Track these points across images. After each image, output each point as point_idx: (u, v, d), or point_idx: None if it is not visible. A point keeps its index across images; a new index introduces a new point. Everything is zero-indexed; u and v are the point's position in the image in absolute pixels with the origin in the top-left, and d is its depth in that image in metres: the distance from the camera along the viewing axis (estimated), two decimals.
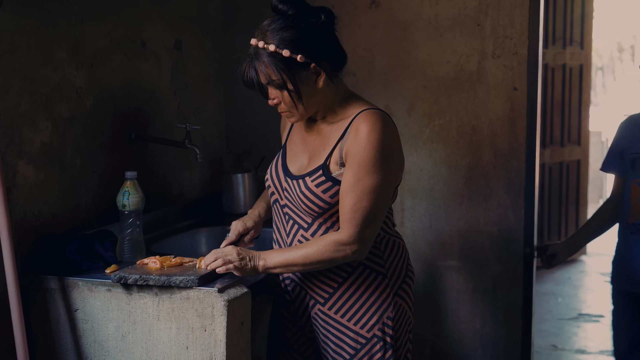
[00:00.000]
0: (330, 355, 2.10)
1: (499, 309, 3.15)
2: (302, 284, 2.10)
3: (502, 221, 3.11)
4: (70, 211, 2.38)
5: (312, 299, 2.09)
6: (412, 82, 3.14)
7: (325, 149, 2.03)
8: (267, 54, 1.93)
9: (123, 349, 2.05)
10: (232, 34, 3.37)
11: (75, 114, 2.38)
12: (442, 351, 3.25)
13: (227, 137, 3.42)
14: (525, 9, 2.99)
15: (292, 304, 2.15)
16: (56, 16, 2.29)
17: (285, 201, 2.08)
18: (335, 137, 2.01)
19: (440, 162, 3.15)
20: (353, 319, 2.05)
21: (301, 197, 2.00)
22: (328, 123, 2.05)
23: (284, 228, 2.11)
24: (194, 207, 3.06)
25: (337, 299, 2.06)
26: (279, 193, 2.11)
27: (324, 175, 1.98)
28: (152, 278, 1.97)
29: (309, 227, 2.04)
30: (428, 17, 3.11)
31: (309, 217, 2.03)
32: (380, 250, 2.06)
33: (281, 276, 2.15)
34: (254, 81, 1.95)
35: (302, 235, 2.06)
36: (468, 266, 3.18)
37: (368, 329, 2.05)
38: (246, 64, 1.97)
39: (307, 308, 2.11)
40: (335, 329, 2.07)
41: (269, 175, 2.15)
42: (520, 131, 3.06)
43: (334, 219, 2.02)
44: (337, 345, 2.08)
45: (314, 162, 2.04)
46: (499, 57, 3.05)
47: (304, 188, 2.00)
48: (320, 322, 2.09)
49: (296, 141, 2.13)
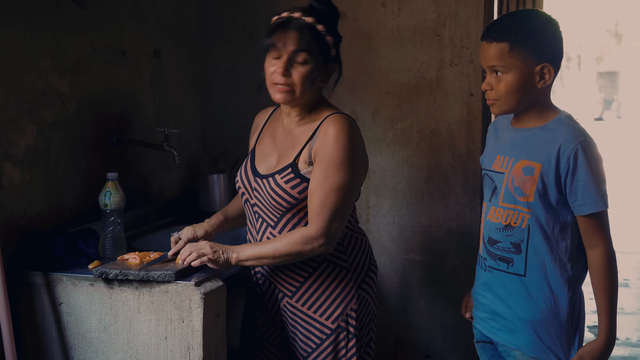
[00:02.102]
0: (299, 344, 2.11)
1: (457, 299, 3.18)
2: (272, 278, 2.11)
3: (459, 217, 3.14)
4: (55, 210, 2.36)
5: (281, 292, 2.10)
6: (376, 89, 3.16)
7: (294, 148, 2.04)
8: (314, 30, 1.95)
9: (105, 340, 2.04)
10: (208, 43, 3.37)
11: (59, 118, 2.37)
12: (405, 338, 3.27)
13: (203, 140, 3.41)
14: (480, 20, 3.03)
15: (262, 296, 2.16)
16: (41, 26, 2.27)
17: (255, 200, 2.09)
18: (305, 137, 2.03)
19: (402, 163, 3.17)
20: (319, 310, 2.07)
21: (271, 193, 2.01)
22: (299, 124, 2.07)
23: (254, 226, 2.12)
24: (173, 205, 3.05)
25: (303, 292, 2.07)
26: (249, 193, 2.11)
27: (293, 173, 2.00)
28: (132, 273, 1.97)
29: (277, 224, 2.05)
30: (391, 28, 3.13)
31: (277, 214, 2.04)
32: (343, 247, 2.08)
33: (252, 270, 2.15)
34: (290, 39, 1.93)
35: (270, 233, 2.07)
36: (429, 259, 3.21)
37: (332, 320, 2.06)
38: (293, 24, 1.94)
39: (277, 300, 2.12)
40: (302, 320, 2.09)
41: (239, 177, 2.15)
42: (476, 134, 3.09)
43: (301, 215, 2.03)
44: (304, 336, 2.09)
45: (283, 161, 2.04)
46: (456, 65, 3.07)
47: (273, 185, 2.01)
48: (289, 313, 2.11)
49: (266, 143, 2.14)
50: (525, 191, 1.89)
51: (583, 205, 1.85)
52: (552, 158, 1.85)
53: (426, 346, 3.26)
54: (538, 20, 1.91)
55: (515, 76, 1.86)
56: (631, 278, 5.85)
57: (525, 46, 1.84)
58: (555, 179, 1.86)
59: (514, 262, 1.95)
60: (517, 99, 1.89)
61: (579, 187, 1.84)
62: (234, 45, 3.35)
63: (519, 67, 1.86)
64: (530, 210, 1.90)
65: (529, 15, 1.98)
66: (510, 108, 1.93)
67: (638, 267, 6.23)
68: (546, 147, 1.87)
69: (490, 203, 2.01)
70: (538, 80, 1.87)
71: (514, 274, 1.95)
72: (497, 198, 1.98)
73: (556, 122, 1.89)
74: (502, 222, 1.96)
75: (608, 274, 1.88)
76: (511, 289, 1.96)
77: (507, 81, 1.87)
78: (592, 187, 1.83)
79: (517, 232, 1.93)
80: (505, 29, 1.87)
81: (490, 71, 1.91)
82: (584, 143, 1.84)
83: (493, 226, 1.99)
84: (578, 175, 1.83)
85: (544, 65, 1.86)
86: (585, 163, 1.82)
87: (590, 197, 1.83)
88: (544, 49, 1.86)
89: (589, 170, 1.83)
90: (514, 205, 1.93)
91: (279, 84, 1.97)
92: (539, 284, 1.92)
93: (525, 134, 1.95)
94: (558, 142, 1.85)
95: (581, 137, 1.85)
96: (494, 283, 2.01)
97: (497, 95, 1.91)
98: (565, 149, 1.84)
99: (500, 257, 1.98)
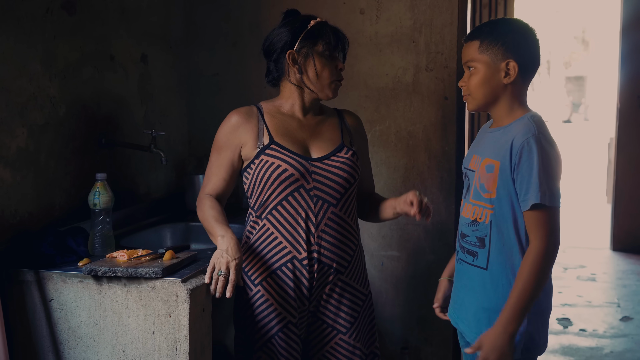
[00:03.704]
0: (342, 317, 2.17)
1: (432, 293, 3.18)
2: (329, 259, 2.12)
3: (435, 215, 3.15)
4: (45, 210, 2.34)
5: (335, 270, 2.14)
6: (356, 92, 3.17)
7: (331, 130, 2.17)
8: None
9: (95, 335, 2.03)
10: (193, 49, 3.36)
11: (49, 121, 2.35)
12: (384, 331, 3.28)
13: (189, 142, 3.40)
14: (454, 27, 3.04)
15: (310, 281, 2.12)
16: (31, 32, 2.25)
17: (314, 184, 2.06)
18: (334, 121, 2.20)
19: (380, 164, 3.18)
20: (361, 280, 2.22)
21: (337, 172, 2.09)
22: (312, 117, 2.17)
23: (312, 210, 2.06)
24: (160, 205, 3.04)
25: (351, 267, 2.17)
26: (305, 178, 2.06)
27: (347, 148, 2.13)
28: (120, 270, 1.95)
29: (339, 201, 2.10)
30: (369, 35, 3.14)
31: (341, 191, 2.10)
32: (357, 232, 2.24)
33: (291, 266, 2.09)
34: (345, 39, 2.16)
35: (332, 212, 2.08)
36: (406, 256, 3.22)
37: (367, 286, 2.25)
38: (341, 33, 2.14)
39: (327, 280, 2.14)
40: (349, 293, 2.17)
41: (287, 166, 2.03)
42: (451, 135, 3.10)
43: (355, 189, 2.15)
44: (353, 303, 2.18)
45: (329, 144, 2.14)
46: (431, 70, 3.09)
47: (339, 164, 2.10)
48: (338, 289, 2.16)
49: (292, 137, 2.11)
50: (489, 188, 1.90)
51: (525, 200, 1.83)
52: (506, 154, 1.85)
53: (404, 339, 3.27)
54: (511, 24, 1.97)
55: (483, 70, 1.91)
56: (598, 272, 5.91)
57: (493, 43, 1.90)
58: (510, 175, 1.86)
59: (478, 255, 1.96)
60: (484, 92, 1.93)
61: (524, 181, 1.82)
62: (219, 51, 3.35)
63: (486, 62, 1.90)
64: (493, 206, 1.90)
65: (505, 20, 2.06)
66: (480, 102, 1.96)
67: (604, 262, 6.29)
68: (504, 145, 1.88)
69: (465, 199, 2.03)
70: (503, 75, 1.90)
71: (478, 267, 1.96)
72: (469, 194, 2.00)
73: (518, 121, 1.90)
74: (470, 217, 1.98)
75: (530, 271, 1.82)
76: (475, 281, 1.98)
77: (476, 75, 1.93)
78: (535, 180, 1.80)
79: (481, 227, 1.94)
80: (480, 30, 1.95)
81: (466, 68, 1.97)
82: (534, 138, 1.82)
83: (464, 221, 2.01)
84: (522, 169, 1.82)
85: (509, 61, 1.89)
86: (530, 158, 1.80)
87: (533, 191, 1.80)
88: (510, 46, 1.89)
89: (534, 164, 1.80)
90: (479, 201, 1.94)
91: (339, 80, 2.14)
92: (499, 278, 1.92)
93: (494, 134, 1.97)
94: (511, 138, 1.86)
95: (532, 133, 1.83)
96: (462, 274, 2.03)
97: (469, 91, 1.96)
98: (515, 144, 1.84)
99: (468, 250, 1.99)
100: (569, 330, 4.41)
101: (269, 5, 3.24)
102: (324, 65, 2.08)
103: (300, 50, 2.08)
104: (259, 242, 2.09)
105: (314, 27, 2.09)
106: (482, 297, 1.96)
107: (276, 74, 2.14)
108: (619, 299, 5.16)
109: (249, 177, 2.10)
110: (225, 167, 2.13)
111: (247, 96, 3.20)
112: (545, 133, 1.87)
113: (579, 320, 4.61)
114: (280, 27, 2.13)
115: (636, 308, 4.91)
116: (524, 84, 1.94)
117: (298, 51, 2.08)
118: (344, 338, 2.14)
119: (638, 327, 4.50)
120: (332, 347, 2.15)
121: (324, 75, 2.09)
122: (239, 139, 2.11)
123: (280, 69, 2.12)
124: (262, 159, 2.06)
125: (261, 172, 2.05)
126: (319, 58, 2.08)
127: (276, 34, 2.12)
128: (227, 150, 2.12)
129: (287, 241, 2.06)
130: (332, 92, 2.12)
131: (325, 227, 2.07)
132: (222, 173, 2.13)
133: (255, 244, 2.10)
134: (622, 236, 6.64)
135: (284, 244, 2.06)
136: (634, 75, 6.38)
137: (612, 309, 4.88)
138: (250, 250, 2.10)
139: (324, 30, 2.09)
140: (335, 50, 2.10)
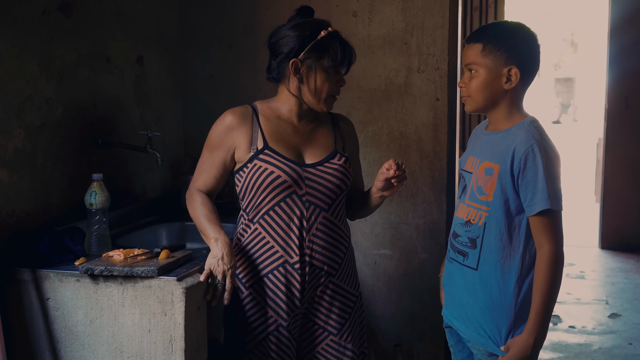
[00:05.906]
0: (333, 319, 2.16)
1: (424, 291, 3.20)
2: (320, 262, 2.10)
3: (427, 214, 3.15)
4: (42, 210, 2.33)
5: (327, 272, 2.13)
6: (349, 94, 3.17)
7: (325, 137, 2.14)
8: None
9: (91, 333, 2.02)
10: (189, 51, 3.35)
11: (46, 122, 2.34)
12: (377, 329, 3.28)
13: (185, 143, 3.39)
14: (445, 30, 3.04)
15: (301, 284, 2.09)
16: (28, 34, 2.24)
17: (306, 189, 2.04)
18: (328, 127, 2.16)
19: (373, 164, 3.18)
20: (350, 282, 2.21)
21: (330, 178, 2.06)
22: (307, 123, 2.13)
23: (303, 216, 2.04)
24: (155, 205, 3.03)
25: (342, 269, 2.16)
26: (297, 184, 2.03)
27: (340, 155, 2.11)
28: (116, 269, 1.95)
29: (330, 206, 2.08)
30: (362, 37, 3.14)
31: (332, 197, 2.08)
32: (347, 234, 2.22)
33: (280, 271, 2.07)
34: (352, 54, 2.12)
35: (323, 217, 2.06)
36: (398, 254, 3.22)
37: (357, 288, 2.23)
38: (348, 47, 2.10)
39: (318, 283, 2.13)
40: (340, 295, 2.16)
41: (280, 172, 2.01)
42: (442, 136, 3.11)
43: (345, 194, 2.13)
44: (344, 304, 2.17)
45: (322, 150, 2.11)
46: (423, 72, 3.09)
47: (331, 170, 2.07)
48: (329, 291, 2.15)
49: (286, 142, 2.08)
50: (486, 190, 1.90)
51: (532, 205, 1.83)
52: (508, 159, 1.86)
53: (396, 336, 3.27)
54: (514, 30, 1.94)
55: (484, 75, 1.90)
56: (587, 270, 5.92)
57: (496, 47, 1.88)
58: (511, 180, 1.86)
59: (468, 255, 1.96)
60: (484, 96, 1.92)
61: (529, 187, 1.83)
62: (214, 53, 3.34)
63: (488, 66, 1.89)
64: (489, 209, 1.90)
65: (508, 24, 2.00)
66: (479, 105, 1.95)
67: (593, 260, 6.31)
68: (505, 149, 1.88)
69: (460, 200, 2.03)
70: (505, 81, 1.89)
71: (468, 267, 1.96)
72: (465, 195, 2.00)
73: (518, 126, 1.90)
74: (464, 218, 1.98)
75: (548, 275, 1.84)
76: (465, 281, 1.98)
77: (477, 79, 1.91)
78: (542, 186, 1.81)
79: (474, 229, 1.94)
80: (483, 32, 1.93)
81: (466, 70, 1.96)
82: (537, 145, 1.83)
83: (458, 221, 2.01)
84: (528, 175, 1.82)
85: (511, 67, 1.88)
86: (536, 164, 1.81)
87: (540, 196, 1.81)
88: (513, 53, 1.88)
89: (540, 170, 1.81)
90: (475, 203, 1.94)
91: (335, 95, 2.10)
92: (488, 278, 1.92)
93: (492, 137, 1.96)
94: (514, 144, 1.86)
95: (535, 139, 1.84)
96: (453, 273, 2.03)
97: (468, 92, 1.95)
98: (518, 151, 1.84)
99: (459, 250, 1.99)
100: (558, 327, 4.43)
101: (264, 8, 3.24)
102: (324, 80, 2.04)
103: (304, 61, 2.02)
104: (251, 246, 2.07)
105: (324, 38, 2.02)
106: (471, 296, 1.97)
107: (276, 76, 2.10)
108: (607, 296, 5.18)
109: (242, 180, 2.07)
110: (217, 166, 2.11)
111: (242, 97, 3.20)
112: (547, 138, 1.88)
113: (568, 317, 4.63)
114: (290, 28, 2.05)
115: (624, 305, 4.93)
116: (523, 89, 1.94)
117: (302, 61, 2.02)
118: (334, 339, 2.14)
119: (626, 323, 4.52)
120: (323, 348, 2.14)
121: (323, 90, 2.04)
122: (232, 140, 2.08)
123: (281, 72, 2.07)
124: (255, 164, 2.03)
125: (254, 176, 2.03)
126: (321, 72, 2.03)
127: (284, 34, 2.05)
128: (220, 150, 2.09)
129: (279, 246, 2.04)
130: (326, 107, 2.08)
131: (317, 232, 2.06)
132: (213, 171, 2.11)
133: (247, 247, 2.08)
134: (610, 235, 6.66)
135: (276, 248, 2.04)
136: (622, 76, 6.40)
137: (600, 306, 4.90)
138: (242, 253, 2.08)
139: (332, 44, 2.03)
140: (340, 66, 2.05)
